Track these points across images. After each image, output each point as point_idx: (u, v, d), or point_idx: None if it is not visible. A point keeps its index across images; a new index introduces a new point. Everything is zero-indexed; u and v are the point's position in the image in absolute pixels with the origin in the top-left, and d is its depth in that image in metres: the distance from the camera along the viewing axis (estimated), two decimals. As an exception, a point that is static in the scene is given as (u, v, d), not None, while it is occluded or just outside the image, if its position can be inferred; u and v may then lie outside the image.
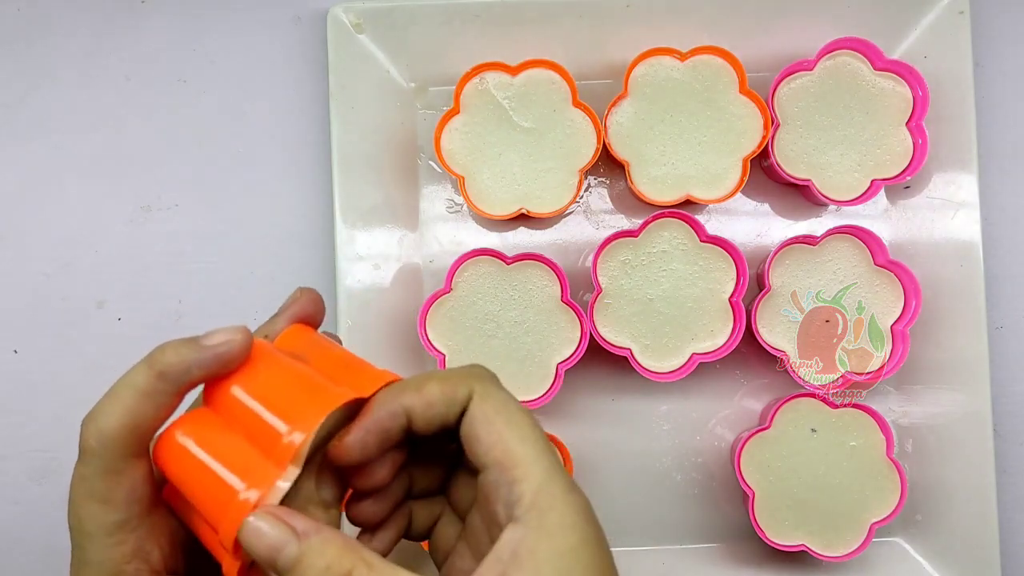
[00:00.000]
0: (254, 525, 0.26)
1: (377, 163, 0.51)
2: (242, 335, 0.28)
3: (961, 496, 0.50)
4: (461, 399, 0.29)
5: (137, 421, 0.27)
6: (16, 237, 0.53)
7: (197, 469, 0.28)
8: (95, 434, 0.27)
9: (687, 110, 0.49)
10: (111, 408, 0.27)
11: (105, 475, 0.27)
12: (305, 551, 0.26)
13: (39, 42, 0.53)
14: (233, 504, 0.27)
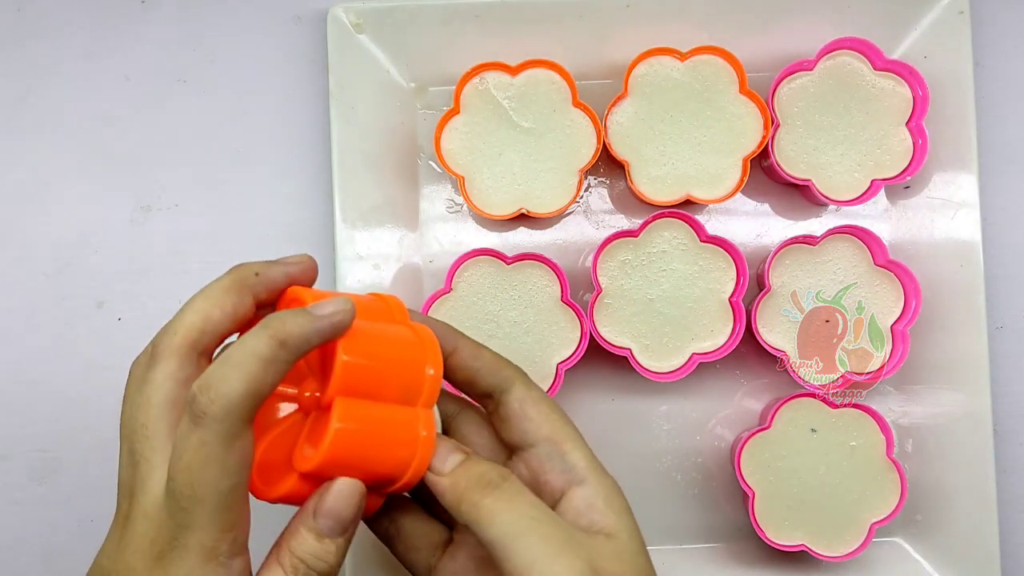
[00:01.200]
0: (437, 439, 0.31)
1: (377, 163, 0.51)
2: (349, 305, 0.30)
3: (961, 496, 0.50)
4: (506, 376, 0.34)
5: (258, 388, 0.28)
6: (16, 237, 0.53)
7: (375, 442, 0.30)
8: (219, 400, 0.27)
9: (687, 110, 0.49)
10: (235, 375, 0.28)
11: (225, 441, 0.28)
12: (468, 460, 0.31)
13: (39, 42, 0.53)
14: (419, 446, 0.30)
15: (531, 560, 0.28)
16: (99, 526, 0.52)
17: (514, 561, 0.28)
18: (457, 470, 0.30)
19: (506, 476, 0.31)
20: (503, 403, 0.33)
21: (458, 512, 0.30)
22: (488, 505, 0.29)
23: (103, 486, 0.52)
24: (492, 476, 0.30)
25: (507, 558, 0.28)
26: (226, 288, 0.32)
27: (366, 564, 0.49)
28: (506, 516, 0.29)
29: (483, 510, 0.29)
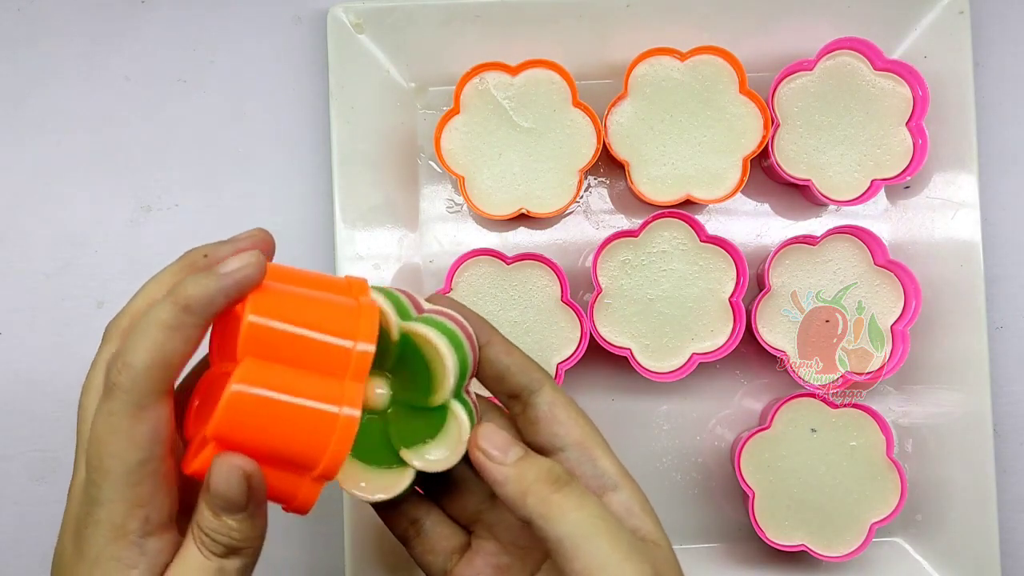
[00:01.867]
0: (488, 428, 0.30)
1: (377, 163, 0.51)
2: (256, 258, 0.29)
3: (961, 496, 0.50)
4: (536, 377, 0.33)
5: (166, 356, 0.27)
6: (16, 237, 0.53)
7: (280, 413, 0.28)
8: (125, 370, 0.27)
9: (687, 110, 0.49)
10: (140, 344, 0.27)
11: (133, 411, 0.27)
12: (529, 454, 0.30)
13: (39, 42, 0.53)
14: (337, 424, 0.28)
15: (602, 561, 0.28)
16: (99, 526, 0.52)
17: (584, 561, 0.28)
18: (521, 463, 0.30)
19: (572, 475, 0.30)
20: (532, 405, 0.33)
21: (521, 504, 0.29)
22: (558, 501, 0.29)
23: (103, 486, 0.52)
24: (560, 472, 0.30)
25: (576, 557, 0.28)
26: (175, 272, 0.31)
27: (366, 564, 0.49)
28: (576, 515, 0.29)
29: (552, 506, 0.29)
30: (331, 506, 0.52)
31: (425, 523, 0.34)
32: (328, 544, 0.52)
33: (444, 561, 0.33)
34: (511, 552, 0.33)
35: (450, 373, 0.30)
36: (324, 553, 0.52)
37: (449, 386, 0.31)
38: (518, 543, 0.33)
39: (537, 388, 0.33)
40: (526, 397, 0.33)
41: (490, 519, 0.34)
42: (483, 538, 0.34)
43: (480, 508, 0.34)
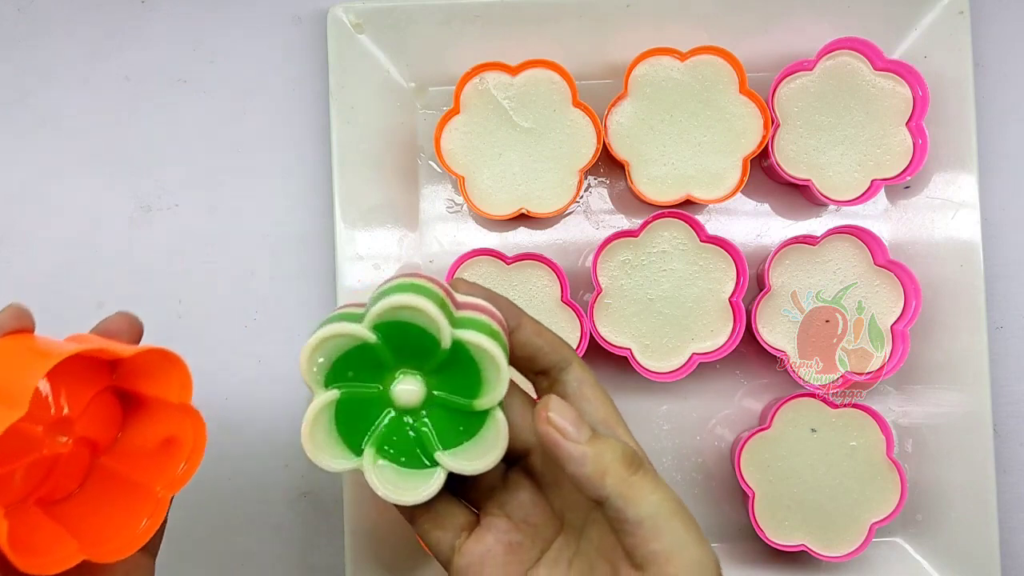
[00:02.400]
0: (559, 402, 0.30)
1: (377, 163, 0.51)
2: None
3: (961, 496, 0.50)
4: (565, 356, 0.33)
5: None
6: (16, 237, 0.53)
7: None
8: None
9: (687, 110, 0.49)
10: None
11: None
12: (596, 432, 0.30)
13: (39, 42, 0.53)
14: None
15: (681, 542, 0.29)
16: (99, 526, 0.52)
17: (665, 541, 0.29)
18: (596, 442, 0.30)
19: (644, 457, 0.31)
20: (560, 382, 0.33)
21: (599, 484, 0.29)
22: (637, 483, 0.29)
23: (103, 486, 0.52)
24: (633, 453, 0.30)
25: (656, 538, 0.29)
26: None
27: (366, 564, 0.49)
28: (655, 496, 0.29)
29: (633, 487, 0.29)
30: (331, 506, 0.52)
31: (434, 500, 0.33)
32: (328, 544, 0.52)
33: (453, 537, 0.33)
34: (522, 530, 0.33)
35: (504, 382, 0.31)
36: (324, 553, 0.52)
37: (500, 394, 0.31)
38: (529, 520, 0.33)
39: (566, 366, 0.33)
40: (555, 374, 0.33)
41: (502, 498, 0.34)
42: (494, 515, 0.34)
43: (493, 487, 0.34)
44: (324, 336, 0.30)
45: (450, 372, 0.31)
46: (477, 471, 0.31)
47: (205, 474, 0.52)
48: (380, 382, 0.32)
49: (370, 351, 0.31)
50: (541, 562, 0.33)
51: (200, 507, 0.52)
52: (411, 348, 0.31)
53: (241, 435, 0.52)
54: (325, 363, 0.31)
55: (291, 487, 0.52)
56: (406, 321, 0.30)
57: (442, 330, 0.30)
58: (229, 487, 0.52)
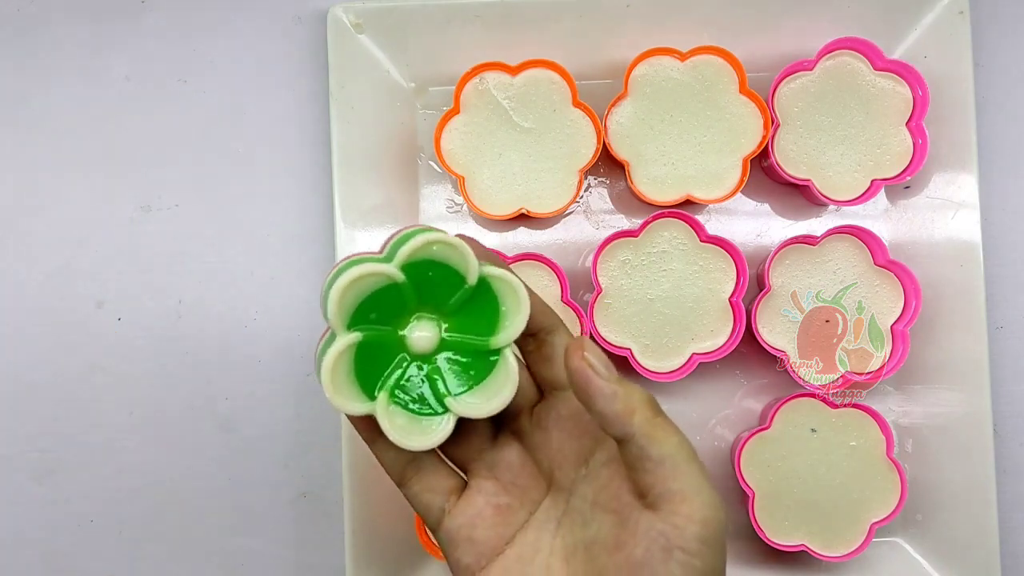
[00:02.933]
0: (591, 342, 0.31)
1: (377, 163, 0.51)
2: None
3: (961, 496, 0.50)
4: (553, 320, 0.34)
5: None
6: (16, 237, 0.53)
7: None
8: None
9: (687, 110, 0.49)
10: None
11: None
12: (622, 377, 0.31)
13: (39, 42, 0.53)
14: None
15: (697, 484, 0.30)
16: (99, 526, 0.52)
17: (682, 482, 0.29)
18: (624, 383, 0.31)
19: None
20: (547, 343, 0.34)
21: (627, 421, 0.30)
22: (662, 423, 0.30)
23: (103, 486, 0.52)
24: (654, 399, 0.31)
25: (675, 477, 0.29)
26: None
27: (366, 564, 0.49)
28: (677, 439, 0.30)
29: (658, 427, 0.30)
30: (331, 506, 0.52)
31: (424, 463, 0.34)
32: (328, 544, 0.52)
33: (442, 500, 0.34)
34: (511, 492, 0.34)
35: (525, 314, 0.32)
36: (324, 553, 0.52)
37: (519, 326, 0.32)
38: (517, 482, 0.34)
39: (553, 329, 0.34)
40: (543, 336, 0.34)
41: (491, 459, 0.34)
42: (482, 477, 0.34)
43: (482, 447, 0.34)
44: (357, 276, 0.30)
45: (469, 311, 0.32)
46: (487, 414, 0.32)
47: (205, 474, 0.52)
48: (399, 324, 0.32)
49: (396, 292, 0.31)
50: (530, 523, 0.33)
51: (200, 507, 0.52)
52: (435, 288, 0.31)
53: (241, 435, 0.52)
54: (353, 302, 0.31)
55: (291, 487, 0.52)
56: (433, 260, 0.31)
57: (471, 265, 0.31)
58: (229, 487, 0.52)
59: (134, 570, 0.52)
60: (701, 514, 0.29)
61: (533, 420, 0.34)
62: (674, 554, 0.29)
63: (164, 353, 0.52)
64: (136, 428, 0.52)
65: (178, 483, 0.52)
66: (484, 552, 0.33)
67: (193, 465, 0.52)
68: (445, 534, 0.33)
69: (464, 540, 0.33)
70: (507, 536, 0.33)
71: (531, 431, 0.34)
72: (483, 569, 0.33)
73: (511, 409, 0.34)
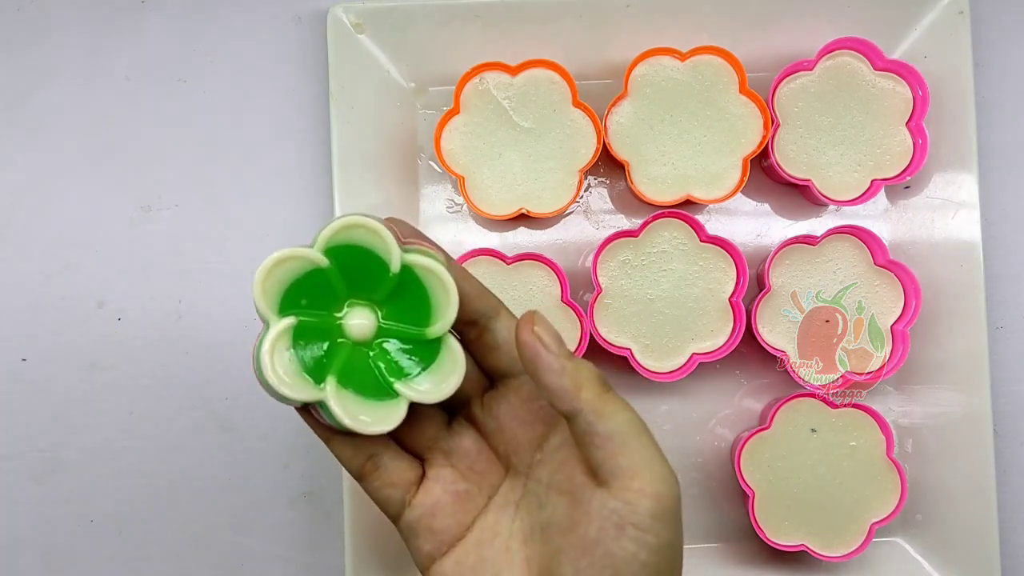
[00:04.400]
0: (542, 317, 0.31)
1: (377, 163, 0.51)
2: None
3: (961, 496, 0.50)
4: (493, 304, 0.33)
5: None
6: (16, 237, 0.53)
7: None
8: None
9: (687, 110, 0.49)
10: None
11: None
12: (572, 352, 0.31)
13: (39, 42, 0.53)
14: None
15: (648, 458, 0.29)
16: (99, 526, 0.52)
17: (631, 457, 0.29)
18: (573, 359, 0.31)
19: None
20: (490, 330, 0.33)
21: (574, 397, 0.30)
22: (611, 399, 0.30)
23: (103, 486, 0.52)
24: (603, 376, 0.31)
25: (623, 453, 0.29)
26: None
27: (366, 564, 0.49)
28: (627, 414, 0.30)
29: (607, 403, 0.30)
30: (331, 506, 0.52)
31: (383, 457, 0.33)
32: (328, 544, 0.52)
33: (403, 493, 0.33)
34: (468, 478, 0.34)
35: (454, 304, 0.31)
36: (324, 553, 0.52)
37: (451, 318, 0.31)
38: (475, 468, 0.34)
39: (494, 314, 0.33)
40: (483, 323, 0.33)
41: (447, 446, 0.34)
42: (440, 466, 0.34)
43: (438, 435, 0.34)
44: (277, 259, 0.30)
45: (400, 300, 0.32)
46: (438, 399, 0.31)
47: (205, 474, 0.52)
48: (333, 311, 0.32)
49: (323, 277, 0.31)
50: (488, 507, 0.33)
51: (200, 507, 0.52)
52: (362, 275, 0.31)
53: (241, 435, 0.52)
54: (278, 289, 0.30)
55: (291, 487, 0.52)
56: (357, 245, 0.30)
57: (392, 251, 0.30)
58: (229, 487, 0.52)
59: (134, 570, 0.52)
60: (653, 488, 0.29)
61: (484, 408, 0.34)
62: (627, 530, 0.29)
63: (164, 353, 0.52)
64: (136, 428, 0.52)
65: (178, 483, 0.52)
66: (445, 539, 0.33)
67: (193, 465, 0.52)
68: (405, 525, 0.33)
69: (424, 529, 0.33)
70: (467, 522, 0.33)
71: (484, 418, 0.34)
72: (443, 555, 0.33)
73: (461, 396, 0.34)
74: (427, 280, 0.31)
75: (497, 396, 0.34)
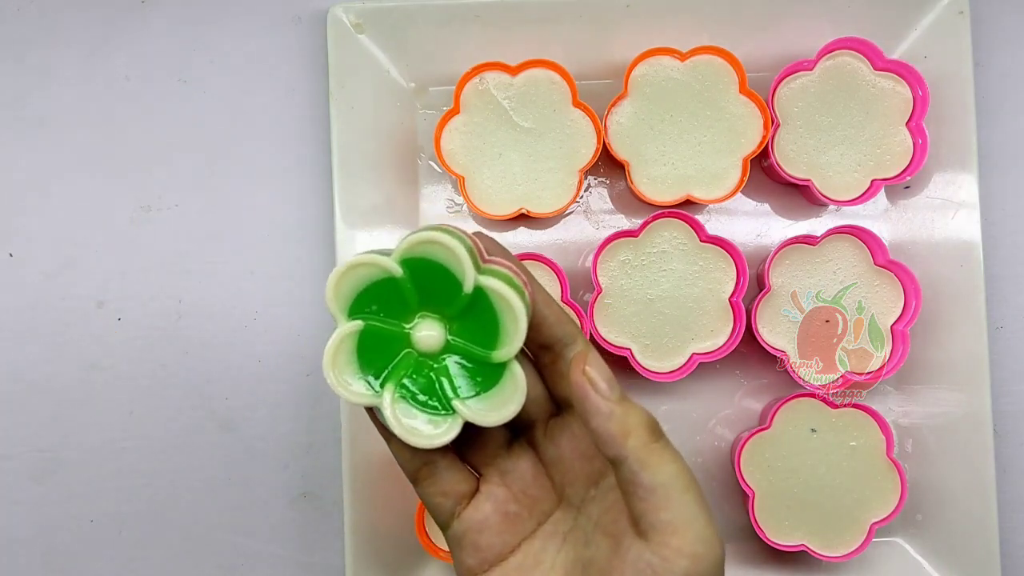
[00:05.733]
0: (597, 358, 0.30)
1: (377, 163, 0.51)
2: None
3: (961, 496, 0.50)
4: (570, 331, 0.33)
5: None
6: (16, 237, 0.53)
7: None
8: None
9: (687, 110, 0.49)
10: None
11: None
12: (627, 396, 0.30)
13: (39, 42, 0.53)
14: None
15: (691, 516, 0.28)
16: (99, 526, 0.52)
17: (674, 512, 0.28)
18: (624, 403, 0.30)
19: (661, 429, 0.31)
20: (563, 358, 0.33)
21: (620, 444, 0.29)
22: (658, 449, 0.29)
23: (103, 486, 0.52)
24: (656, 424, 0.30)
25: (666, 507, 0.28)
26: None
27: (366, 564, 0.49)
28: (674, 467, 0.29)
29: (653, 453, 0.29)
30: (331, 506, 0.52)
31: (439, 465, 0.33)
32: (328, 544, 0.52)
33: (453, 504, 0.33)
34: (520, 501, 0.33)
35: (521, 333, 0.31)
36: (324, 553, 0.52)
37: (517, 345, 0.31)
38: (528, 492, 0.34)
39: (570, 342, 0.33)
40: (559, 349, 0.33)
41: (504, 466, 0.34)
42: (494, 484, 0.34)
43: (496, 453, 0.34)
44: (353, 264, 0.30)
45: (470, 320, 0.31)
46: (493, 423, 0.31)
47: (205, 474, 0.52)
48: (403, 321, 0.32)
49: (395, 287, 0.31)
50: (537, 534, 0.33)
51: (200, 507, 0.52)
52: (435, 290, 0.31)
53: (241, 435, 0.52)
54: (350, 293, 0.31)
55: (291, 487, 0.52)
56: (432, 259, 0.30)
57: (466, 272, 0.30)
58: (229, 487, 0.52)
59: (134, 570, 0.52)
60: (691, 548, 0.28)
61: (547, 435, 0.34)
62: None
63: (164, 353, 0.52)
64: (136, 428, 0.52)
65: (178, 483, 0.52)
66: (488, 557, 0.33)
67: (193, 465, 0.52)
68: (452, 535, 0.33)
69: (469, 543, 0.33)
70: (512, 544, 0.33)
71: (545, 445, 0.34)
72: (484, 572, 0.32)
73: (525, 419, 0.33)
74: (498, 305, 0.31)
75: (561, 424, 0.34)
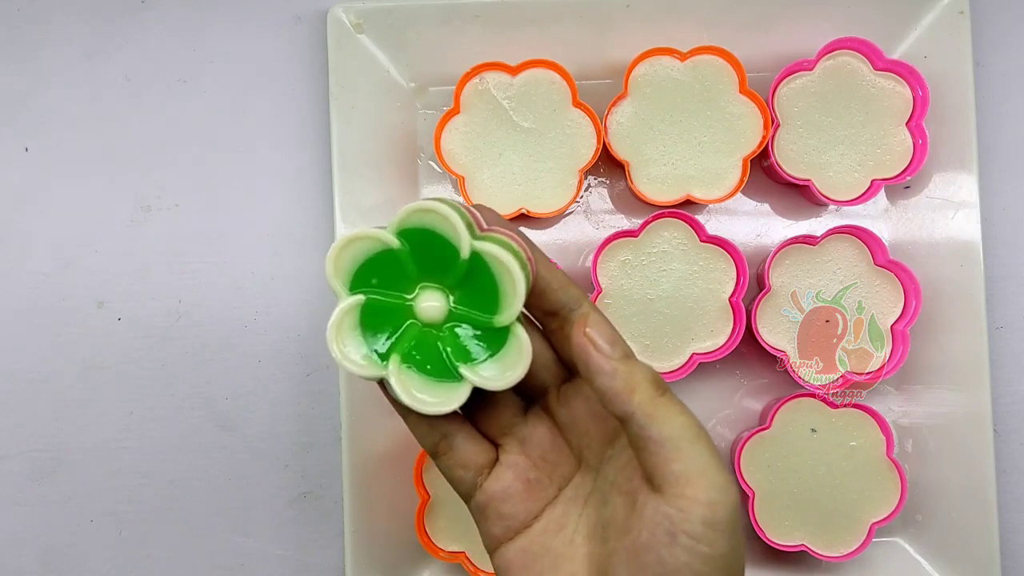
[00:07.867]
0: (598, 319, 0.31)
1: (377, 163, 0.51)
2: None
3: (961, 496, 0.50)
4: (575, 295, 0.33)
5: None
6: (16, 237, 0.53)
7: None
8: None
9: (687, 110, 0.49)
10: None
11: None
12: (631, 354, 0.31)
13: (39, 42, 0.53)
14: None
15: (703, 465, 0.29)
16: (99, 526, 0.52)
17: (685, 463, 0.29)
18: (628, 361, 0.30)
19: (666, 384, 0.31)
20: (570, 321, 0.33)
21: (627, 400, 0.29)
22: (664, 403, 0.29)
23: (103, 486, 0.52)
24: (660, 379, 0.30)
25: (677, 459, 0.29)
26: None
27: (366, 564, 0.49)
28: (682, 419, 0.29)
29: (660, 407, 0.29)
30: (331, 506, 0.52)
31: (456, 438, 0.33)
32: (328, 544, 0.52)
33: (474, 476, 0.34)
34: (540, 467, 0.34)
35: (520, 296, 0.31)
36: (324, 553, 0.52)
37: (517, 308, 0.31)
38: (547, 458, 0.34)
39: (575, 306, 0.33)
40: (564, 314, 0.33)
41: (521, 434, 0.34)
42: (512, 453, 0.34)
43: (513, 422, 0.34)
44: (351, 238, 0.31)
45: (470, 287, 0.32)
46: (501, 387, 0.31)
47: (205, 474, 0.52)
48: (404, 292, 0.32)
49: (394, 258, 0.31)
50: (559, 499, 0.33)
51: (200, 507, 0.52)
52: (433, 259, 0.31)
53: (241, 435, 0.52)
54: (350, 267, 0.31)
55: (291, 487, 0.52)
56: (428, 228, 0.31)
57: (461, 237, 0.30)
58: (229, 487, 0.52)
59: (134, 570, 0.52)
60: (706, 496, 0.28)
61: (560, 400, 0.34)
62: (679, 538, 0.28)
63: (164, 353, 0.52)
64: (136, 428, 0.52)
65: (178, 483, 0.52)
66: (512, 525, 0.33)
67: (193, 465, 0.52)
68: (475, 506, 0.34)
69: (493, 513, 0.33)
70: (535, 511, 0.33)
71: (558, 410, 0.34)
72: (510, 540, 0.33)
73: (538, 386, 0.34)
74: (496, 269, 0.31)
75: (574, 388, 0.34)
